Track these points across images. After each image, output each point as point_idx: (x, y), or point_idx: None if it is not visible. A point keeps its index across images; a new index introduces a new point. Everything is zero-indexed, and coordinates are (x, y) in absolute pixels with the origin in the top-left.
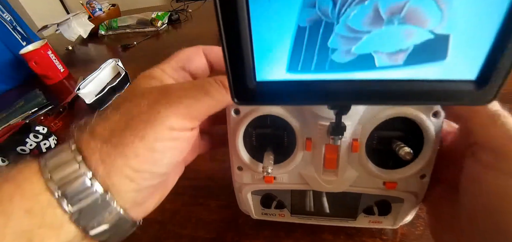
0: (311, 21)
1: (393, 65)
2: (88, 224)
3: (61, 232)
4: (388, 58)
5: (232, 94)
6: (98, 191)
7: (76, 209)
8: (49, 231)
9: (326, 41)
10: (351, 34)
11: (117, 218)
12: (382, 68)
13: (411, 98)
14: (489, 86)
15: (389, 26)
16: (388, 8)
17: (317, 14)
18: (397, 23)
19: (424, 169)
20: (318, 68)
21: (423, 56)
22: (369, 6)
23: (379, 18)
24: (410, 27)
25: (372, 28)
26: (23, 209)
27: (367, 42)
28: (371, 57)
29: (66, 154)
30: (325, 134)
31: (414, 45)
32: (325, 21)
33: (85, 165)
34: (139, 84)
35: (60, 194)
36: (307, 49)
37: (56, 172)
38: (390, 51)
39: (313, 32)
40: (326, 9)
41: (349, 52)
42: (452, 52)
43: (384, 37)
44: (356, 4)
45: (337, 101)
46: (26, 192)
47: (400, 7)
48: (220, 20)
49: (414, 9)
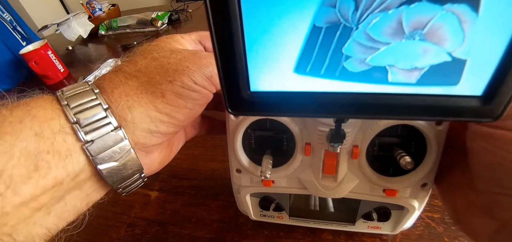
0: (328, 22)
1: (406, 82)
2: (98, 156)
3: (69, 162)
4: (402, 74)
5: (226, 103)
6: (112, 124)
7: (89, 138)
8: (57, 158)
9: (341, 46)
10: (369, 43)
11: (127, 156)
12: (394, 84)
13: (416, 113)
14: (495, 102)
15: (409, 41)
16: (412, 21)
17: (336, 15)
18: (418, 39)
19: (425, 178)
20: (328, 73)
21: (436, 78)
22: (393, 16)
23: (401, 31)
24: (430, 44)
25: (391, 39)
26: (34, 131)
27: (384, 54)
28: (385, 70)
29: (84, 86)
30: (324, 140)
31: (430, 66)
32: (344, 24)
33: (102, 97)
34: (166, 42)
35: (75, 120)
36: (319, 52)
37: (73, 99)
38: (405, 68)
39: (329, 35)
40: (346, 11)
41: (364, 62)
42: (464, 77)
43: (402, 51)
44: (379, 12)
45: (336, 114)
46: (38, 116)
47: (425, 22)
48: (212, 25)
49: (438, 26)
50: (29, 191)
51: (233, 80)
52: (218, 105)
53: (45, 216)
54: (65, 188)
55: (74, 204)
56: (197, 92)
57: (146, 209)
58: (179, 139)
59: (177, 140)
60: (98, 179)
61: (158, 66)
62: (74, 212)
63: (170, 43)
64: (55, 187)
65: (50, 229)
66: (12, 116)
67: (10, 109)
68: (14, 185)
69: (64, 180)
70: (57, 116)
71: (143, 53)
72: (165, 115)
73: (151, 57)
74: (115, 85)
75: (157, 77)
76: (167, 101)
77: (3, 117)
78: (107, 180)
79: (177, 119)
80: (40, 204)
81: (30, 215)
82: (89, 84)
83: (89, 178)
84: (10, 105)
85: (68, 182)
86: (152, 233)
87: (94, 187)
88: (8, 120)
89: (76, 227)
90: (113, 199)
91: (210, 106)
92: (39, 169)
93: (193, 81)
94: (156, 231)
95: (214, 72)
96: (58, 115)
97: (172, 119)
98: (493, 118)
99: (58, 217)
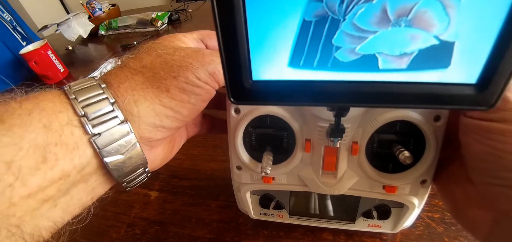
0: (317, 16)
1: (396, 68)
2: (104, 149)
3: (76, 154)
4: (392, 60)
5: (228, 93)
6: (118, 117)
7: (96, 131)
8: (65, 150)
9: (330, 38)
10: (356, 33)
11: (132, 150)
12: (385, 70)
13: (410, 101)
14: (489, 90)
15: (395, 28)
16: (396, 9)
17: (323, 9)
18: (404, 25)
19: (425, 174)
20: (320, 65)
21: (426, 62)
22: (377, 6)
23: (386, 19)
24: (417, 30)
25: (378, 28)
26: (42, 123)
27: (372, 43)
28: (375, 58)
29: (91, 81)
30: (324, 135)
31: (419, 50)
32: (331, 17)
33: (109, 91)
34: (169, 41)
35: (83, 113)
36: (311, 45)
37: (80, 93)
38: (394, 54)
39: (318, 28)
40: (333, 4)
41: (353, 52)
42: (455, 60)
43: (390, 38)
44: (364, 2)
45: (334, 102)
46: (47, 109)
47: (408, 9)
48: (217, 19)
49: (422, 12)
50: (37, 183)
51: (236, 69)
52: (219, 104)
53: (51, 209)
54: (71, 180)
55: (80, 197)
56: (200, 88)
57: (146, 209)
58: (181, 136)
59: (179, 138)
60: (104, 172)
61: (163, 63)
62: (79, 205)
63: (173, 41)
64: (62, 179)
65: (56, 222)
66: (21, 109)
67: (19, 102)
68: (23, 176)
69: (71, 173)
70: (65, 109)
71: (148, 50)
72: (169, 110)
73: (156, 54)
74: (121, 80)
75: (162, 73)
76: (172, 96)
77: (12, 109)
78: (112, 173)
79: (181, 114)
80: (47, 196)
81: (37, 207)
82: (95, 79)
83: (95, 171)
84: (19, 98)
85: (74, 174)
86: (152, 233)
87: (100, 180)
88: (17, 112)
89: (81, 221)
90: (114, 199)
91: (211, 105)
92: (47, 161)
93: (196, 77)
94: (156, 231)
95: (217, 69)
96: (66, 108)
97: (176, 114)
98: (487, 107)
99: (64, 210)
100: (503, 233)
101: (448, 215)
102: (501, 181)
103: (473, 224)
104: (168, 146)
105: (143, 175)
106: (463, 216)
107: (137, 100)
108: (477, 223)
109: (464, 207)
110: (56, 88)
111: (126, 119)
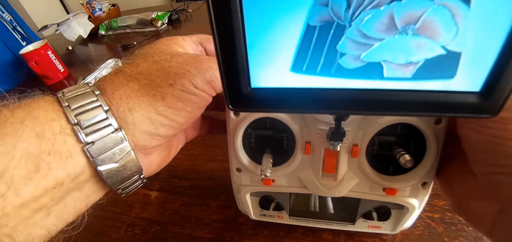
0: (322, 21)
1: (401, 77)
2: (98, 157)
3: (70, 163)
4: (398, 69)
5: (227, 100)
6: (112, 125)
7: (89, 140)
8: (58, 159)
9: (335, 44)
10: (362, 40)
11: (127, 157)
12: (389, 79)
13: (414, 109)
14: (494, 98)
15: (402, 36)
16: (404, 16)
17: (329, 14)
18: (411, 34)
19: (425, 177)
20: (323, 71)
21: (432, 72)
22: (384, 13)
23: (393, 26)
24: (424, 39)
25: (385, 35)
26: (35, 132)
27: (378, 50)
28: (380, 66)
29: (85, 88)
30: (324, 138)
31: (425, 60)
32: (337, 22)
33: (103, 98)
34: (167, 45)
35: (76, 121)
36: (314, 50)
37: (74, 100)
38: (400, 62)
39: (323, 33)
40: (339, 9)
41: (358, 59)
42: (460, 71)
43: (396, 46)
44: (371, 9)
45: (335, 110)
46: (40, 117)
47: (417, 17)
48: (213, 23)
49: (430, 20)
50: (30, 192)
51: (234, 76)
52: (218, 105)
53: (45, 217)
54: (65, 189)
55: (74, 205)
56: (197, 96)
57: (146, 209)
58: (178, 140)
59: (177, 142)
60: (98, 180)
61: (159, 69)
62: (73, 213)
63: (171, 45)
64: (56, 188)
65: (49, 230)
66: (13, 117)
67: (11, 110)
68: (15, 186)
69: (64, 181)
70: (58, 117)
71: (144, 55)
72: (165, 118)
73: (152, 60)
74: (116, 87)
75: (158, 80)
76: (168, 104)
77: (4, 118)
78: (107, 181)
79: (177, 122)
80: (40, 205)
81: (30, 216)
82: (90, 85)
83: (89, 179)
84: (11, 106)
85: (68, 183)
86: (152, 233)
87: (94, 188)
88: (9, 121)
89: (75, 228)
90: (113, 199)
91: (211, 107)
92: (39, 170)
93: (193, 84)
94: (156, 231)
95: (214, 76)
96: (59, 116)
97: (172, 122)
98: (491, 114)
99: (57, 218)
100: (507, 223)
101: (448, 215)
102: (502, 169)
103: (477, 217)
104: (164, 151)
105: (139, 181)
106: (466, 210)
107: (132, 108)
108: (481, 216)
109: (467, 201)
110: (49, 95)
111: (120, 127)
